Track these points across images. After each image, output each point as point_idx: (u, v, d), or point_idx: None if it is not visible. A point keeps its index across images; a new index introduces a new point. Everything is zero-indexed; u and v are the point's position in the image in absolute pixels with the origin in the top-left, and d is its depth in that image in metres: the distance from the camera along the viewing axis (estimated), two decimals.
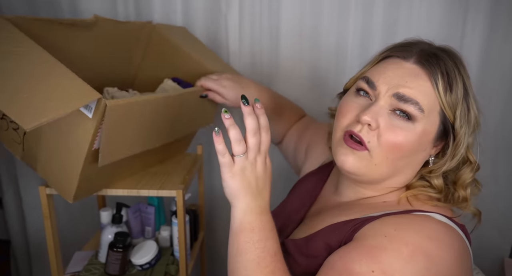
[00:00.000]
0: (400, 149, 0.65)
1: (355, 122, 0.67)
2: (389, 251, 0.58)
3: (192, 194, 1.11)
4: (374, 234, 0.61)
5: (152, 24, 1.08)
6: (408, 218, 0.64)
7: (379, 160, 0.66)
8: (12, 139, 0.86)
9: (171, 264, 1.04)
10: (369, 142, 0.66)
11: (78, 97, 0.67)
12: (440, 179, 0.70)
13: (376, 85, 0.67)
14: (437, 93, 0.65)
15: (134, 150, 0.85)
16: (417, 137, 0.65)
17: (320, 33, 1.16)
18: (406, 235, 0.60)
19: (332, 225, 0.68)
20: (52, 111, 0.63)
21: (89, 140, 0.75)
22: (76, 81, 0.70)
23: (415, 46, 0.69)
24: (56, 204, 0.92)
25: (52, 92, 0.66)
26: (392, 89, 0.65)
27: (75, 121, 0.74)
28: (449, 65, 0.66)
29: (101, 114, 0.72)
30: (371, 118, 0.64)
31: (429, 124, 0.66)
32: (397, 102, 0.65)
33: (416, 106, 0.64)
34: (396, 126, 0.65)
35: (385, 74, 0.67)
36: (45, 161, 0.83)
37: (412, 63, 0.66)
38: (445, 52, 0.68)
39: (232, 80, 0.98)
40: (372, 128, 0.65)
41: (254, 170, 0.65)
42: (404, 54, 0.68)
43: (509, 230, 1.26)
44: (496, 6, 1.08)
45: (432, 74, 0.65)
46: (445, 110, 0.65)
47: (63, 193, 0.84)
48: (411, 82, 0.65)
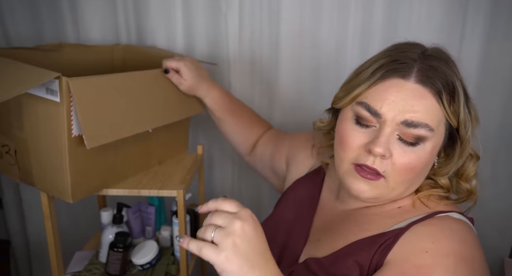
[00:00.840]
0: (414, 170, 0.65)
1: (365, 153, 0.65)
2: (436, 268, 0.58)
3: (192, 194, 1.11)
4: (414, 251, 0.61)
5: (121, 45, 1.17)
6: (436, 224, 0.65)
7: (395, 184, 0.66)
8: (8, 164, 0.88)
9: (171, 264, 1.04)
10: (384, 172, 0.65)
11: (38, 77, 0.70)
12: (446, 178, 0.71)
13: (380, 112, 0.63)
14: (442, 108, 0.63)
15: (120, 133, 0.85)
16: (429, 154, 0.65)
17: (320, 33, 1.16)
18: (443, 245, 0.61)
19: (358, 242, 0.67)
20: (10, 90, 0.66)
21: (65, 126, 0.75)
22: (35, 68, 0.73)
23: (408, 59, 0.64)
24: (57, 204, 0.92)
25: (11, 79, 0.70)
26: (399, 116, 0.62)
27: (48, 113, 0.76)
28: (448, 73, 0.64)
29: (67, 94, 0.73)
30: (384, 150, 0.62)
31: (438, 138, 0.66)
32: (407, 128, 0.63)
33: (427, 128, 0.63)
34: (408, 151, 0.64)
35: (388, 100, 0.63)
36: (38, 168, 0.84)
37: (413, 83, 0.63)
38: (440, 59, 0.66)
39: (193, 63, 1.00)
40: (386, 158, 0.64)
41: (243, 236, 0.53)
42: (403, 73, 0.63)
43: (509, 230, 1.26)
44: (496, 6, 1.08)
45: (436, 91, 0.63)
46: (450, 120, 0.65)
47: (62, 195, 0.84)
48: (417, 105, 0.62)
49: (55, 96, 0.74)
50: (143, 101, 0.90)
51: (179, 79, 0.97)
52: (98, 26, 1.23)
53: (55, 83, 0.73)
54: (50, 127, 0.78)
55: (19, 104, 0.80)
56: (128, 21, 1.23)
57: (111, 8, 1.22)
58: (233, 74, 1.23)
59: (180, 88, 0.98)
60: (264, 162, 1.03)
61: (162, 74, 0.96)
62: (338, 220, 0.75)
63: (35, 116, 0.79)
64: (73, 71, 0.92)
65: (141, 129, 0.90)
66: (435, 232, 0.63)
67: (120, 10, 1.22)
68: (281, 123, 1.26)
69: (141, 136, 0.95)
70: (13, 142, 0.85)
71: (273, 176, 1.02)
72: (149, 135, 0.98)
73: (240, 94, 1.24)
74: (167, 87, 0.97)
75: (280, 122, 1.26)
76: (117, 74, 0.86)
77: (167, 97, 0.97)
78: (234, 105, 1.06)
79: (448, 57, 0.68)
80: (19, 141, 0.84)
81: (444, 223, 0.65)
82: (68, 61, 1.05)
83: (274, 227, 0.82)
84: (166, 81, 0.97)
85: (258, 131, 1.07)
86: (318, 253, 0.71)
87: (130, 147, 0.93)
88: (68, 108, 0.74)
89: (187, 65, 0.98)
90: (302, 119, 1.23)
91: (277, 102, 1.24)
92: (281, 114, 1.25)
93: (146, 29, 1.21)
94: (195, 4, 1.18)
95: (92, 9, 1.22)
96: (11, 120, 0.83)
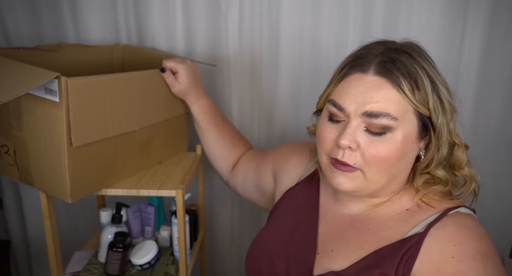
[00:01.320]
0: (387, 160, 0.66)
1: (336, 147, 0.68)
2: (467, 273, 0.60)
3: (192, 194, 1.11)
4: (441, 260, 0.62)
5: (120, 46, 1.16)
6: (451, 224, 0.65)
7: (371, 175, 0.67)
8: (7, 164, 0.88)
9: (171, 264, 1.04)
10: (355, 164, 0.67)
11: (37, 77, 0.70)
12: (442, 170, 0.70)
13: (344, 107, 0.67)
14: (405, 97, 0.64)
15: (108, 132, 0.85)
16: (400, 143, 0.66)
17: (320, 33, 1.16)
18: (466, 246, 0.62)
19: (379, 252, 0.67)
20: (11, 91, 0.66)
21: (64, 126, 0.76)
22: (34, 68, 0.73)
23: (370, 54, 0.67)
24: (56, 204, 0.92)
25: (10, 79, 0.70)
26: (360, 108, 0.65)
27: (47, 113, 0.77)
28: (409, 64, 0.65)
29: (66, 94, 0.73)
30: (349, 141, 0.65)
31: (408, 127, 0.66)
32: (369, 119, 0.65)
33: (388, 117, 0.64)
34: (375, 141, 0.65)
35: (349, 94, 0.66)
36: (37, 168, 0.84)
37: (372, 75, 0.66)
38: (401, 51, 0.67)
39: (192, 68, 1.00)
40: (353, 150, 0.66)
41: None
42: (363, 68, 0.67)
43: (509, 230, 1.26)
44: (496, 5, 1.08)
45: (394, 81, 0.64)
46: (418, 108, 0.66)
47: (61, 195, 0.84)
48: (376, 95, 0.64)
49: (54, 96, 0.74)
50: (137, 100, 0.90)
51: (173, 81, 0.98)
52: (98, 26, 1.23)
53: (55, 83, 0.73)
54: (49, 127, 0.78)
55: (18, 104, 0.80)
56: (128, 21, 1.22)
57: (111, 8, 1.22)
58: (233, 74, 1.23)
59: (172, 90, 0.99)
60: (248, 181, 1.02)
61: (158, 73, 0.96)
62: (347, 227, 0.74)
63: (34, 116, 0.79)
64: (72, 71, 0.92)
65: (129, 128, 0.90)
66: (454, 234, 0.64)
67: (120, 10, 1.22)
68: (281, 123, 1.26)
69: (140, 135, 0.95)
70: (12, 142, 0.85)
71: (258, 195, 1.01)
72: (148, 135, 0.98)
73: (240, 94, 1.24)
74: (160, 87, 0.98)
75: (280, 121, 1.26)
76: (116, 74, 0.86)
77: (158, 97, 0.98)
78: (220, 118, 1.06)
79: (413, 49, 0.68)
80: (18, 141, 0.84)
81: (458, 221, 0.66)
82: (68, 61, 1.05)
83: (273, 237, 0.81)
84: (160, 82, 0.97)
85: (240, 149, 1.07)
86: (335, 265, 0.69)
87: (129, 147, 0.93)
88: (67, 109, 0.75)
89: (186, 69, 0.98)
90: (302, 118, 1.23)
91: (277, 102, 1.24)
92: (281, 113, 1.25)
93: (146, 29, 1.21)
94: (195, 4, 1.18)
95: (92, 9, 1.22)
96: (10, 120, 0.83)
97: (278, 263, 0.76)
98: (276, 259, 0.77)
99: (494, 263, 0.62)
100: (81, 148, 0.80)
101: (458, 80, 1.14)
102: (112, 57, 1.18)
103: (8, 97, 0.65)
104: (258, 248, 0.82)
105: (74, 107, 0.75)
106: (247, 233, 1.37)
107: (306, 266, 0.73)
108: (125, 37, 1.24)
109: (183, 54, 1.22)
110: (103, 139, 0.85)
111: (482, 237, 0.64)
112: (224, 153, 1.06)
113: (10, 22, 1.25)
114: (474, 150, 1.19)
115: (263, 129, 1.28)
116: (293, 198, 0.86)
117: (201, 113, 1.03)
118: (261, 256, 0.80)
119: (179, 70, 0.97)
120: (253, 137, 1.28)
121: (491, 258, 0.62)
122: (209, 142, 1.06)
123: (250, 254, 0.83)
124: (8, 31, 1.26)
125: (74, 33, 1.24)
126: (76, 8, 1.21)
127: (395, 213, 0.72)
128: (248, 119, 1.27)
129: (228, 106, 1.26)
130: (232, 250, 1.41)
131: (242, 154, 1.07)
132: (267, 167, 0.97)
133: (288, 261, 0.75)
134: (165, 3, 1.19)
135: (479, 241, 0.63)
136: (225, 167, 1.07)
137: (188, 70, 0.99)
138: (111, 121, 0.85)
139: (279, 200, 0.89)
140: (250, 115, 1.27)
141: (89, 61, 1.11)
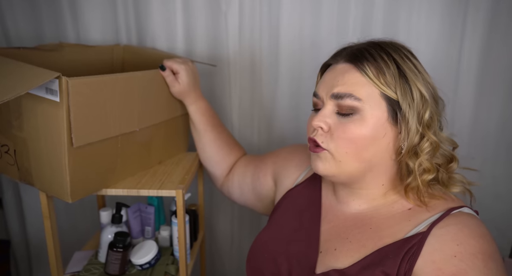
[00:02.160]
0: (354, 141, 0.69)
1: (312, 130, 0.73)
2: (469, 272, 0.60)
3: (192, 194, 1.11)
4: (443, 259, 0.62)
5: (120, 46, 1.16)
6: (454, 224, 0.66)
7: (340, 156, 0.70)
8: (7, 163, 0.88)
9: (171, 264, 1.04)
10: (323, 143, 0.71)
11: (38, 77, 0.70)
12: (425, 161, 0.69)
13: (318, 93, 0.74)
14: (368, 80, 0.68)
15: (108, 132, 0.85)
16: (368, 125, 0.68)
17: (320, 32, 1.16)
18: (468, 245, 0.63)
19: (381, 250, 0.67)
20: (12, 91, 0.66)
21: (64, 125, 0.76)
22: (35, 68, 0.73)
23: (348, 48, 0.74)
24: (56, 204, 0.92)
25: (11, 78, 0.70)
26: (328, 92, 0.71)
27: (48, 113, 0.77)
28: (375, 52, 0.70)
29: (67, 94, 0.73)
30: (319, 121, 0.71)
31: (375, 109, 0.68)
32: (337, 101, 0.70)
33: (351, 97, 0.68)
34: (343, 122, 0.69)
35: (323, 82, 0.74)
36: (37, 168, 0.84)
37: (342, 63, 0.72)
38: (372, 43, 0.73)
39: (192, 70, 1.01)
40: (325, 130, 0.71)
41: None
42: (336, 59, 0.74)
43: (509, 230, 1.26)
44: (496, 5, 1.08)
45: (359, 65, 0.69)
46: (384, 91, 0.68)
47: (61, 195, 0.84)
48: (341, 79, 0.70)
49: (54, 96, 0.74)
50: (137, 101, 0.90)
51: (173, 81, 0.98)
52: (98, 26, 1.23)
53: (55, 83, 0.73)
54: (50, 127, 0.78)
55: (19, 104, 0.80)
56: (128, 21, 1.23)
57: (111, 8, 1.22)
58: (233, 74, 1.23)
59: (171, 90, 0.99)
60: (245, 186, 1.02)
61: (158, 72, 0.96)
62: (349, 226, 0.74)
63: (35, 116, 0.79)
64: (73, 71, 0.92)
65: (130, 129, 0.90)
66: (457, 233, 0.64)
67: (120, 10, 1.22)
68: (281, 123, 1.26)
69: (141, 136, 0.95)
70: (12, 142, 0.85)
71: (255, 199, 1.01)
72: (148, 135, 0.98)
73: (240, 94, 1.24)
74: (161, 88, 0.98)
75: (280, 121, 1.26)
76: (116, 74, 0.86)
77: (159, 97, 0.98)
78: (217, 121, 1.07)
79: (387, 44, 0.72)
80: (18, 141, 0.84)
81: (460, 221, 0.66)
82: (68, 61, 1.05)
83: (275, 237, 0.81)
84: (161, 82, 0.97)
85: (236, 153, 1.07)
86: (338, 263, 0.70)
87: (130, 147, 0.93)
88: (68, 109, 0.75)
89: (187, 69, 0.99)
90: (302, 118, 1.23)
91: (277, 102, 1.24)
92: (281, 113, 1.25)
93: (146, 29, 1.21)
94: (195, 4, 1.18)
95: (92, 9, 1.22)
96: (11, 119, 0.83)
97: (281, 262, 0.76)
98: (278, 258, 0.77)
99: (496, 262, 0.62)
100: (82, 148, 0.80)
101: (458, 80, 1.14)
102: (112, 57, 1.18)
103: (8, 96, 0.65)
104: (260, 247, 0.82)
105: (75, 107, 0.76)
106: (247, 233, 1.37)
107: (308, 264, 0.73)
108: (125, 37, 1.24)
109: (183, 54, 1.22)
110: (103, 139, 0.85)
111: (484, 236, 0.65)
112: (220, 157, 1.05)
113: (10, 22, 1.25)
114: (474, 150, 1.20)
115: (263, 129, 1.28)
116: (294, 198, 0.86)
117: (199, 114, 1.03)
118: (262, 256, 0.80)
119: (180, 70, 0.98)
120: (253, 137, 1.28)
121: (492, 257, 0.63)
122: (206, 145, 1.05)
123: (251, 253, 0.83)
124: (8, 31, 1.26)
125: (74, 33, 1.24)
126: (76, 8, 1.21)
127: (397, 212, 0.72)
128: (248, 119, 1.27)
129: (228, 106, 1.26)
130: (232, 250, 1.41)
131: (237, 158, 1.07)
132: (267, 171, 0.97)
133: (291, 260, 0.75)
134: (165, 3, 1.19)
135: (481, 240, 0.64)
136: (220, 171, 1.07)
137: (189, 71, 0.99)
138: (112, 121, 0.85)
139: (280, 200, 0.89)
140: (250, 115, 1.27)
141: (89, 61, 1.11)
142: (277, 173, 0.94)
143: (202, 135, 1.04)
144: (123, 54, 1.19)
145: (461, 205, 0.70)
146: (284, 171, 0.93)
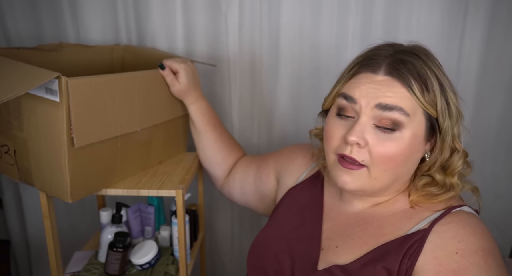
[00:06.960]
0: (394, 159, 0.66)
1: (344, 144, 0.68)
2: (470, 268, 0.61)
3: (192, 194, 1.11)
4: (445, 255, 0.63)
5: (120, 46, 1.17)
6: (455, 222, 0.66)
7: (377, 173, 0.68)
8: (7, 163, 0.89)
9: (171, 264, 1.04)
10: (363, 161, 0.67)
11: (38, 77, 0.70)
12: (441, 174, 0.71)
13: (355, 98, 0.67)
14: (414, 97, 0.65)
15: (110, 132, 0.85)
16: (408, 143, 0.66)
17: (320, 33, 1.16)
18: (469, 243, 0.63)
19: (383, 246, 0.67)
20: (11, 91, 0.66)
21: (64, 125, 0.76)
22: (35, 68, 0.73)
23: (380, 55, 0.69)
24: (56, 204, 0.92)
25: (11, 78, 0.70)
26: (373, 101, 0.66)
27: (48, 113, 0.77)
28: (418, 65, 0.66)
29: (66, 94, 0.73)
30: (357, 137, 0.65)
31: (416, 127, 0.67)
32: (382, 112, 0.65)
33: (401, 111, 0.65)
34: (383, 139, 0.66)
35: (360, 88, 0.67)
36: (37, 168, 0.84)
37: (383, 76, 0.67)
38: (411, 53, 0.68)
39: (192, 69, 1.01)
40: (362, 147, 0.66)
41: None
42: (373, 68, 0.68)
43: (509, 230, 1.26)
44: (496, 5, 1.08)
45: (405, 81, 0.65)
46: (427, 109, 0.66)
47: (61, 195, 0.84)
48: (388, 91, 0.65)
49: (54, 96, 0.74)
50: (137, 101, 0.90)
51: (173, 81, 0.98)
52: (98, 26, 1.23)
53: (55, 83, 0.73)
54: (49, 127, 0.78)
55: (18, 104, 0.80)
56: (128, 21, 1.22)
57: (111, 8, 1.22)
58: (233, 74, 1.23)
59: (171, 89, 0.99)
60: (246, 186, 1.02)
61: (158, 72, 0.96)
62: (351, 224, 0.75)
63: (34, 116, 0.79)
64: (73, 71, 0.92)
65: (131, 129, 0.90)
66: (458, 230, 0.65)
67: (120, 10, 1.21)
68: (281, 123, 1.26)
69: (141, 136, 0.95)
70: (12, 142, 0.85)
71: (257, 200, 1.01)
72: (148, 135, 0.98)
73: (240, 94, 1.24)
74: (161, 88, 0.98)
75: (280, 122, 1.26)
76: (116, 74, 0.86)
77: (159, 97, 0.98)
78: (217, 121, 1.06)
79: (422, 52, 0.69)
80: (18, 141, 0.84)
81: (461, 219, 0.67)
82: (68, 61, 1.05)
83: (276, 234, 0.81)
84: (161, 82, 0.97)
85: (237, 154, 1.07)
86: (339, 260, 0.70)
87: (129, 147, 0.93)
88: (67, 109, 0.75)
89: (186, 69, 0.98)
90: (302, 118, 1.23)
91: (277, 102, 1.24)
92: (281, 114, 1.25)
93: (146, 29, 1.21)
94: (195, 4, 1.18)
95: (92, 9, 1.22)
96: (11, 119, 0.83)
97: (283, 259, 0.76)
98: (280, 255, 0.77)
99: (496, 260, 0.63)
100: (82, 148, 0.80)
101: (458, 79, 1.14)
102: (112, 57, 1.18)
103: (8, 96, 0.65)
104: (261, 244, 0.82)
105: (75, 107, 0.76)
106: (247, 233, 1.37)
107: (310, 261, 0.73)
108: (125, 37, 1.24)
109: (183, 54, 1.22)
110: (104, 140, 0.85)
111: (485, 234, 0.65)
112: (221, 158, 1.05)
113: (10, 22, 1.25)
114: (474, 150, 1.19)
115: (263, 129, 1.28)
116: (296, 196, 0.86)
117: (200, 114, 1.03)
118: (264, 253, 0.80)
119: (180, 70, 0.98)
120: (253, 137, 1.28)
121: (493, 254, 0.63)
122: (206, 146, 1.05)
123: (252, 251, 0.83)
124: (8, 31, 1.26)
125: (74, 33, 1.24)
126: (76, 8, 1.21)
127: (398, 211, 0.72)
128: (248, 119, 1.27)
129: (228, 106, 1.26)
130: (232, 250, 1.41)
131: (238, 159, 1.07)
132: (269, 170, 0.97)
133: (293, 257, 0.76)
134: (165, 3, 1.19)
135: (482, 238, 0.64)
136: (220, 172, 1.06)
137: (189, 70, 0.99)
138: (112, 121, 0.85)
139: (281, 198, 0.89)
140: (250, 115, 1.27)
141: (89, 61, 1.11)
142: (280, 172, 0.94)
143: (202, 135, 1.04)
144: (123, 54, 1.19)
145: (462, 204, 0.71)
146: (286, 169, 0.93)
